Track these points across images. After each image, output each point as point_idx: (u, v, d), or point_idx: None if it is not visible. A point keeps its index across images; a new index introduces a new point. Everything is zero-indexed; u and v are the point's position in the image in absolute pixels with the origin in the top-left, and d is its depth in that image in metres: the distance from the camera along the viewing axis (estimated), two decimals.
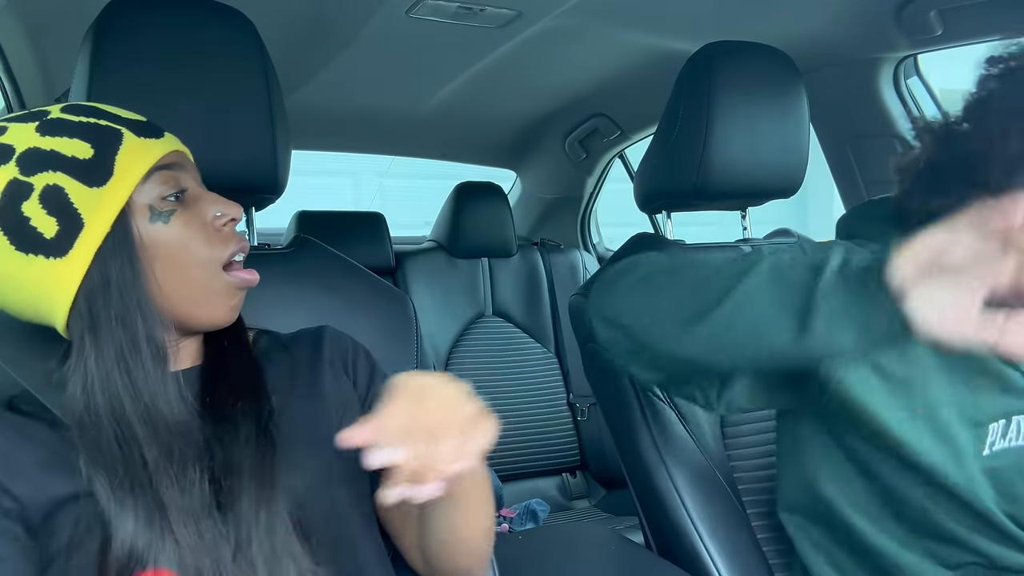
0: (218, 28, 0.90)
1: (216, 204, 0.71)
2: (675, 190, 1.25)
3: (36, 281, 0.64)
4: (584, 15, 1.51)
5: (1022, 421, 0.86)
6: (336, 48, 1.69)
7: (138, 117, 0.71)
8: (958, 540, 0.86)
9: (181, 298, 0.69)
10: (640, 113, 2.20)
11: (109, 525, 0.60)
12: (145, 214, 0.67)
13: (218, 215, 0.71)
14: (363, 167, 5.37)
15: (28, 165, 0.63)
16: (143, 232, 0.67)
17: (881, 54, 1.48)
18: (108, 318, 0.64)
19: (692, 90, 1.21)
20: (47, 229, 0.63)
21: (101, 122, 0.67)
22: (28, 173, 0.63)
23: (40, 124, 0.66)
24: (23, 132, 0.65)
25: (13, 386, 0.68)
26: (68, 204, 0.63)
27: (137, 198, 0.66)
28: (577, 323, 1.25)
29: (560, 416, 2.39)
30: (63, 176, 0.64)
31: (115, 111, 0.70)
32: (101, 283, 0.64)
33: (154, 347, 0.66)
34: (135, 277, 0.65)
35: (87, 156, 0.64)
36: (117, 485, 0.61)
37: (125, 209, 0.65)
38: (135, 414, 0.63)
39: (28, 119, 0.66)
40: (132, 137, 0.67)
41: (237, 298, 0.73)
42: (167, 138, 0.71)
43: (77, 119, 0.67)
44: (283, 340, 0.83)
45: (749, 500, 1.12)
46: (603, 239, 2.91)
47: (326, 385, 0.78)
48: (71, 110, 0.68)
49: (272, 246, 1.07)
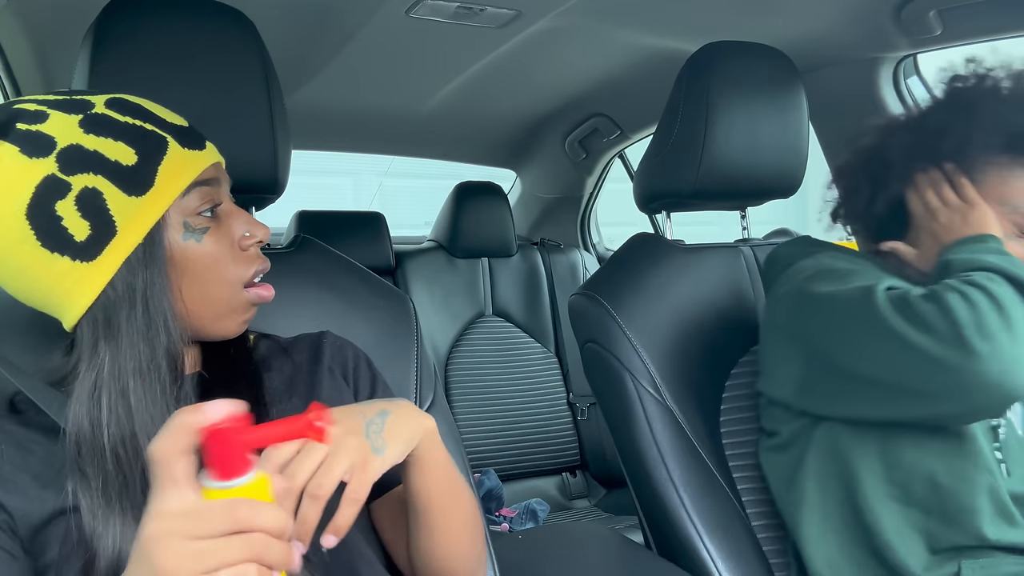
0: (218, 28, 0.90)
1: (247, 225, 0.71)
2: (675, 190, 1.25)
3: (56, 279, 0.63)
4: (584, 15, 1.51)
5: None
6: (336, 48, 1.69)
7: (182, 121, 0.70)
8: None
9: (200, 313, 0.68)
10: (640, 113, 2.20)
11: (94, 535, 0.59)
12: (179, 229, 0.66)
13: (247, 235, 0.71)
14: (363, 167, 5.36)
15: (69, 163, 0.62)
16: (175, 247, 0.66)
17: (881, 54, 1.48)
18: (130, 330, 0.63)
19: (692, 90, 1.21)
20: (79, 232, 0.61)
21: (147, 126, 0.66)
22: (68, 172, 0.61)
23: (85, 118, 0.64)
24: (66, 125, 0.63)
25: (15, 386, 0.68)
26: (104, 210, 0.62)
27: (173, 212, 0.66)
28: (577, 323, 1.25)
29: (560, 416, 2.39)
30: (103, 180, 0.62)
31: (161, 113, 0.68)
32: (126, 293, 0.63)
33: (171, 363, 0.65)
34: (163, 291, 0.64)
35: (130, 163, 0.63)
36: (103, 496, 0.60)
37: (160, 221, 0.64)
38: (144, 430, 0.61)
39: (71, 109, 0.64)
40: (176, 147, 0.66)
41: (251, 312, 0.73)
42: (208, 150, 0.70)
43: (123, 119, 0.65)
44: (283, 344, 0.82)
45: (749, 500, 1.12)
46: (603, 239, 2.91)
47: (324, 393, 0.77)
48: (117, 106, 0.66)
49: (272, 246, 1.07)
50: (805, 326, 0.94)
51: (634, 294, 1.19)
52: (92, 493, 0.60)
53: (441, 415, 1.02)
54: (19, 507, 0.61)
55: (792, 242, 1.13)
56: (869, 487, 0.93)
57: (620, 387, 1.15)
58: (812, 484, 0.98)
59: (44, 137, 0.62)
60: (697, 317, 1.20)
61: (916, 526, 0.92)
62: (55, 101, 0.65)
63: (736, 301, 1.25)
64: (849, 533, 0.96)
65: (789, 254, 1.09)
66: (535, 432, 2.35)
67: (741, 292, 1.26)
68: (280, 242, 1.16)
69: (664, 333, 1.17)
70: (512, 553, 0.73)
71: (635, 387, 1.14)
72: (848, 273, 0.92)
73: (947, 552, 0.91)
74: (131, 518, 0.60)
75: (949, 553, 0.91)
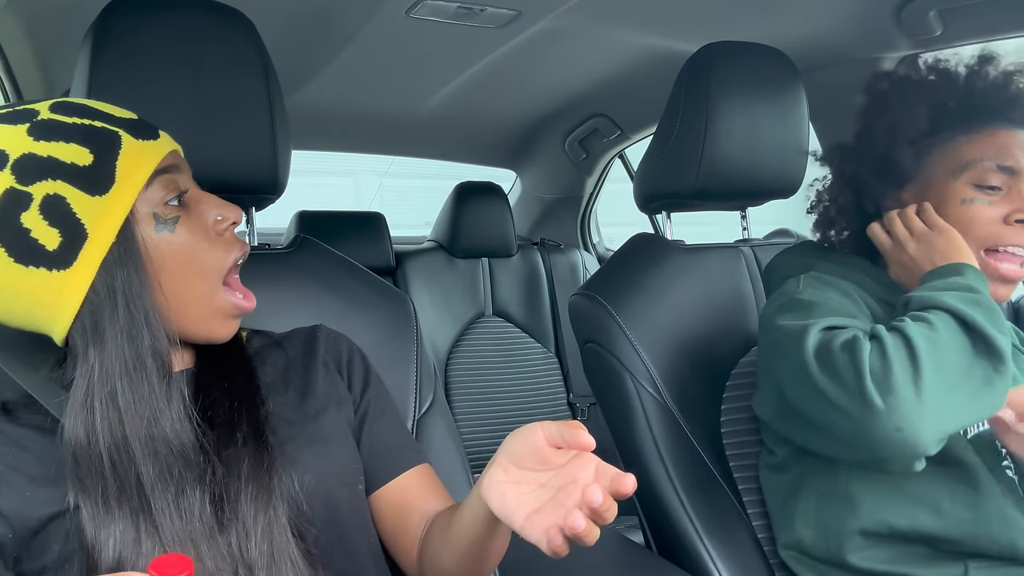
0: (218, 28, 0.90)
1: (217, 208, 0.70)
2: (675, 190, 1.25)
3: (35, 293, 0.62)
4: (584, 15, 1.51)
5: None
6: (336, 48, 1.69)
7: (130, 115, 0.69)
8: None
9: (184, 311, 0.68)
10: (640, 113, 2.20)
11: (95, 542, 0.59)
12: (150, 222, 0.65)
13: (219, 219, 0.70)
14: (363, 167, 5.36)
15: (25, 173, 0.61)
16: (148, 241, 0.65)
17: (881, 54, 1.48)
18: (114, 332, 0.62)
19: (692, 90, 1.21)
20: (49, 241, 0.61)
21: (96, 123, 0.65)
22: (26, 182, 0.61)
23: (31, 126, 0.63)
24: (14, 135, 0.62)
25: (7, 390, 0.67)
26: (71, 214, 0.61)
27: (140, 205, 0.65)
28: (577, 323, 1.25)
29: (560, 416, 2.39)
30: (64, 185, 0.61)
31: (107, 109, 0.68)
32: (107, 295, 0.62)
33: (159, 361, 0.64)
34: (142, 288, 0.64)
35: (87, 163, 0.62)
36: (103, 503, 0.60)
37: (129, 217, 0.64)
38: (135, 433, 0.62)
39: (16, 119, 0.63)
40: (130, 140, 0.65)
41: (235, 320, 0.73)
42: (163, 138, 0.69)
43: (70, 120, 0.64)
44: (276, 339, 0.82)
45: (749, 500, 1.12)
46: (603, 239, 2.91)
47: (320, 384, 0.78)
48: (61, 109, 0.65)
49: (272, 246, 1.07)
50: (768, 356, 0.96)
51: (634, 294, 1.19)
52: (91, 502, 0.60)
53: (441, 415, 1.02)
54: (15, 508, 0.61)
55: (790, 251, 1.12)
56: (872, 521, 0.91)
57: (620, 387, 1.15)
58: (804, 520, 0.97)
59: None
60: (697, 317, 1.20)
61: (922, 543, 0.91)
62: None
63: (736, 301, 1.25)
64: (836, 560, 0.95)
65: (786, 265, 1.09)
66: None
67: (741, 292, 1.26)
68: (280, 242, 1.16)
69: (664, 333, 1.17)
70: (512, 553, 0.73)
71: (635, 387, 1.14)
72: (809, 306, 0.91)
73: (953, 555, 0.90)
74: (130, 523, 0.60)
75: (955, 556, 0.90)
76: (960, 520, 0.88)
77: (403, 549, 0.77)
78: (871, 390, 0.77)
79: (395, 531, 0.77)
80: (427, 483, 0.79)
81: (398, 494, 0.78)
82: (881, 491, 0.91)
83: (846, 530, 0.92)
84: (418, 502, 0.77)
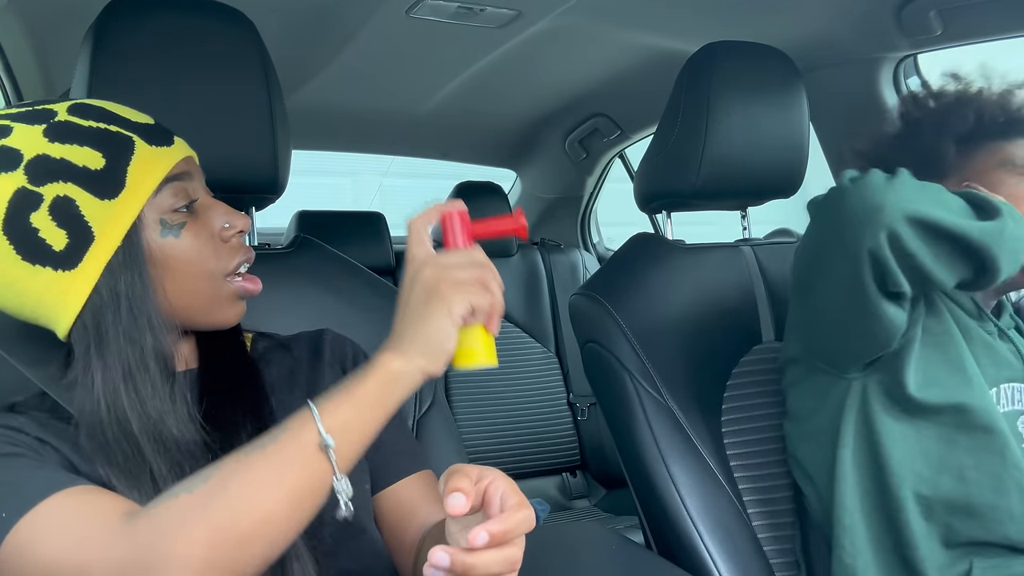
0: (218, 28, 0.90)
1: (225, 216, 0.71)
2: (675, 190, 1.25)
3: (41, 291, 0.63)
4: (584, 15, 1.51)
5: (1009, 389, 0.98)
6: (336, 48, 1.69)
7: (147, 119, 0.70)
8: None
9: (187, 308, 0.68)
10: (640, 113, 2.20)
11: None
12: (156, 227, 0.66)
13: (226, 227, 0.71)
14: (363, 167, 5.36)
15: (37, 174, 0.62)
16: (153, 245, 0.66)
17: (881, 54, 1.48)
18: (116, 334, 0.63)
19: (692, 90, 1.21)
20: (56, 241, 0.62)
21: (112, 128, 0.66)
22: (37, 183, 0.62)
23: (48, 127, 0.64)
24: (30, 136, 0.63)
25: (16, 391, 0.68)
26: (79, 217, 0.62)
27: (148, 211, 0.66)
28: (577, 323, 1.25)
29: (560, 416, 2.39)
30: (74, 187, 0.62)
31: (124, 113, 0.68)
32: (110, 297, 0.63)
33: (161, 362, 0.65)
34: (144, 291, 0.65)
35: (98, 167, 0.63)
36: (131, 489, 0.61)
37: (136, 222, 0.65)
38: (142, 431, 0.62)
39: (34, 119, 0.65)
40: (144, 146, 0.66)
41: (240, 305, 0.73)
42: (177, 145, 0.70)
43: (87, 124, 0.65)
44: (282, 341, 0.82)
45: (749, 500, 1.12)
46: (603, 239, 2.91)
47: (326, 385, 0.77)
48: (79, 112, 0.66)
49: (272, 246, 1.07)
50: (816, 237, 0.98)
51: (635, 294, 1.19)
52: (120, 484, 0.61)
53: (441, 415, 1.02)
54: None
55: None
56: (899, 478, 0.93)
57: (620, 387, 1.15)
58: (849, 467, 0.97)
59: (10, 151, 0.62)
60: (698, 317, 1.20)
61: (938, 519, 0.93)
62: (17, 114, 0.65)
63: (737, 301, 1.24)
64: (877, 526, 0.96)
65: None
66: (535, 432, 2.35)
67: (742, 292, 1.26)
68: (280, 242, 1.16)
69: (664, 333, 1.17)
70: None
71: (635, 387, 1.14)
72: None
73: (962, 547, 0.92)
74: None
75: (963, 549, 0.91)
76: (982, 489, 0.90)
77: (400, 554, 0.77)
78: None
79: (393, 536, 0.77)
80: (428, 491, 0.79)
81: (399, 499, 0.78)
82: (907, 456, 0.93)
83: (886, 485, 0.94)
84: (418, 510, 0.77)
